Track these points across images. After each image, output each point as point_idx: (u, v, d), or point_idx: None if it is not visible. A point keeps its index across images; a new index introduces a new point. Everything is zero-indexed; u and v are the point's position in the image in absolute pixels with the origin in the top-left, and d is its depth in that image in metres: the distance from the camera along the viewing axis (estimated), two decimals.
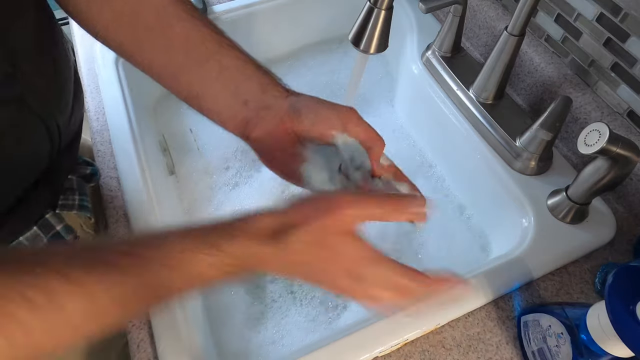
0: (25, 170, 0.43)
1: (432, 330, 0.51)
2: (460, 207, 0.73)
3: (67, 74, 0.46)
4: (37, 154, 0.43)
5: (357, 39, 0.49)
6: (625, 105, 0.60)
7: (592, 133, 0.48)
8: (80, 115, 0.53)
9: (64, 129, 0.45)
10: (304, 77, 0.88)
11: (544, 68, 0.66)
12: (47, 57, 0.42)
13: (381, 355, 0.49)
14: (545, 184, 0.61)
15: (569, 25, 0.64)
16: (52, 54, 0.43)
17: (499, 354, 0.50)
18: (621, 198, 0.60)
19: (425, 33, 0.78)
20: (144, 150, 0.63)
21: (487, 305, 0.53)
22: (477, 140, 0.66)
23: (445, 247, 0.69)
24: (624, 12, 0.56)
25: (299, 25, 0.89)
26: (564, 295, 0.54)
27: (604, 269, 0.54)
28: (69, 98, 0.47)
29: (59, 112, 0.44)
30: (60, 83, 0.44)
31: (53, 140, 0.44)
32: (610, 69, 0.60)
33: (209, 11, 0.79)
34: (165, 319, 0.49)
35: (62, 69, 0.45)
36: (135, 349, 0.49)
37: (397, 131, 0.82)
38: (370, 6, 0.48)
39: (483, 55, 0.76)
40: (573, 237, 0.56)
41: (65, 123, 0.46)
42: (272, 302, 0.65)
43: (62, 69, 0.45)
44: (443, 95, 0.71)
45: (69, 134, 0.48)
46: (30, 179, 0.44)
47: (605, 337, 0.39)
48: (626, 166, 0.50)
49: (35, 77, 0.39)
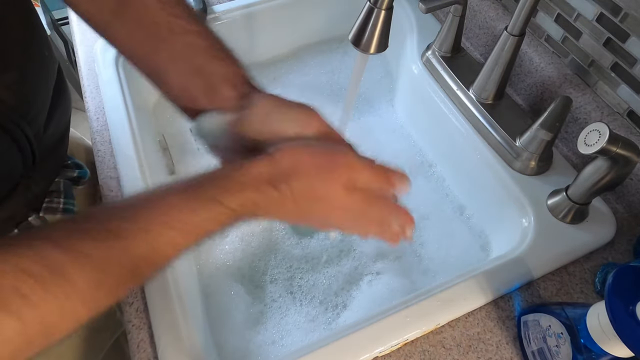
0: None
1: (432, 330, 0.51)
2: (460, 207, 0.73)
3: (40, 83, 0.44)
4: (5, 164, 0.41)
5: (357, 39, 0.49)
6: (625, 105, 0.60)
7: (592, 133, 0.48)
8: (65, 119, 0.51)
9: (37, 139, 0.44)
10: (304, 77, 0.88)
11: (544, 68, 0.66)
12: (9, 64, 0.39)
13: (381, 355, 0.49)
14: (545, 184, 0.61)
15: (569, 25, 0.64)
16: (16, 61, 0.40)
17: (499, 354, 0.50)
18: (621, 198, 0.60)
19: (425, 33, 0.78)
20: (144, 150, 0.63)
21: (487, 305, 0.53)
22: (477, 140, 0.66)
23: (445, 247, 0.69)
24: (624, 12, 0.56)
25: (299, 25, 0.89)
26: (564, 295, 0.54)
27: (604, 269, 0.54)
28: (42, 108, 0.45)
29: (26, 122, 0.42)
30: (29, 93, 0.42)
31: (23, 151, 0.42)
32: (610, 69, 0.60)
33: (209, 11, 0.79)
34: (165, 319, 0.49)
35: (31, 77, 0.42)
36: (135, 349, 0.49)
37: (397, 131, 0.82)
38: (370, 6, 0.47)
39: (483, 55, 0.76)
40: (573, 237, 0.56)
41: (39, 133, 0.44)
42: (271, 302, 0.65)
43: (32, 78, 0.42)
44: (443, 95, 0.71)
45: (47, 141, 0.47)
46: (2, 187, 0.42)
47: (605, 337, 0.39)
48: (626, 166, 0.50)
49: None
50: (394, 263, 0.68)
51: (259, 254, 0.69)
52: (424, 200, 0.74)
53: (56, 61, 0.49)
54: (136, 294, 0.52)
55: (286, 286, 0.67)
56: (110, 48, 0.57)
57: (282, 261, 0.69)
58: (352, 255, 0.69)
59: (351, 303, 0.64)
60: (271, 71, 0.88)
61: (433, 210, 0.73)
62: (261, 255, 0.69)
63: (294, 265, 0.68)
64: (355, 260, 0.69)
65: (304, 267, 0.68)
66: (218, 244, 0.69)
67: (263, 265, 0.68)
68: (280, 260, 0.69)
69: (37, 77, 0.44)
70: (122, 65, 0.71)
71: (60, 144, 0.51)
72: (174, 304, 0.50)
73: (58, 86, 0.49)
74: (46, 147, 0.47)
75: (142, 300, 0.51)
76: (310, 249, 0.70)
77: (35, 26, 0.43)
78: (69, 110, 0.54)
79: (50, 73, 0.47)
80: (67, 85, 0.53)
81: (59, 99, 0.48)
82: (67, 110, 0.52)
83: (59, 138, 0.51)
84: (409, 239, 0.39)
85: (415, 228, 0.39)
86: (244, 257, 0.68)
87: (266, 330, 0.62)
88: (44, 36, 0.45)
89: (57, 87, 0.48)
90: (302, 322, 0.63)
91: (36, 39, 0.43)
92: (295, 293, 0.66)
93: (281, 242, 0.70)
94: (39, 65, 0.44)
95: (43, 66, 0.45)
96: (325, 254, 0.69)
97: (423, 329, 0.50)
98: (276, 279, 0.67)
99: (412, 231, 0.38)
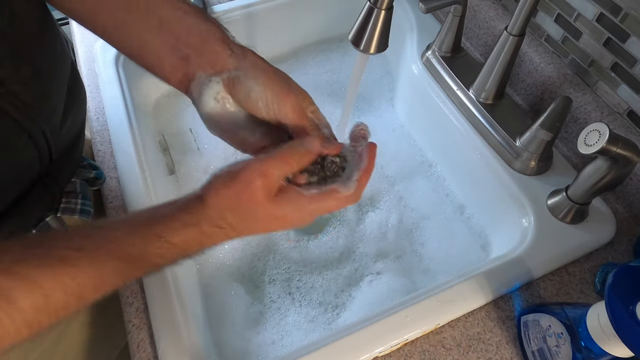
0: (11, 176, 0.41)
1: (432, 330, 0.51)
2: (460, 207, 0.73)
3: (55, 79, 0.44)
4: (23, 161, 0.42)
5: (357, 39, 0.49)
6: (625, 105, 0.60)
7: (592, 133, 0.48)
8: (80, 118, 0.52)
9: (53, 136, 0.44)
10: (304, 77, 0.88)
11: (544, 68, 0.66)
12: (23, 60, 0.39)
13: (381, 355, 0.49)
14: (545, 184, 0.61)
15: (569, 25, 0.64)
16: (30, 56, 0.40)
17: (499, 354, 0.50)
18: (621, 198, 0.60)
19: (425, 33, 0.78)
20: (144, 150, 0.63)
21: (487, 305, 0.53)
22: (477, 140, 0.66)
23: (445, 247, 0.69)
24: (624, 12, 0.56)
25: (299, 25, 0.89)
26: (564, 295, 0.54)
27: (604, 269, 0.54)
28: (58, 104, 0.45)
29: (44, 120, 0.42)
30: (45, 89, 0.42)
31: (40, 148, 0.42)
32: (610, 69, 0.60)
33: (209, 11, 0.79)
34: (165, 319, 0.49)
35: (45, 73, 0.43)
36: (135, 349, 0.49)
37: (397, 131, 0.82)
38: (370, 6, 0.47)
39: (483, 55, 0.76)
40: (573, 237, 0.56)
41: (55, 130, 0.44)
42: (271, 303, 0.65)
43: (47, 73, 0.43)
44: (443, 95, 0.71)
45: (63, 139, 0.47)
46: (21, 184, 0.43)
47: (605, 337, 0.39)
48: (626, 166, 0.50)
49: (13, 84, 0.38)
50: (394, 263, 0.68)
51: (258, 254, 0.69)
52: (424, 200, 0.74)
53: (69, 57, 0.48)
54: (136, 294, 0.52)
55: (284, 287, 0.67)
56: (111, 48, 0.57)
57: (280, 262, 0.69)
58: (352, 257, 0.69)
59: (351, 303, 0.64)
60: None
61: (433, 210, 0.73)
62: (260, 255, 0.69)
63: (298, 264, 0.68)
64: (356, 262, 0.69)
65: (305, 267, 0.68)
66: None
67: (262, 266, 0.68)
68: (279, 261, 0.69)
69: (51, 73, 0.44)
70: (122, 65, 0.71)
71: (76, 142, 0.51)
72: (174, 304, 0.50)
73: (73, 83, 0.49)
74: (63, 145, 0.47)
75: (142, 300, 0.51)
76: (310, 249, 0.70)
77: (48, 21, 0.43)
78: (84, 109, 0.54)
79: (64, 68, 0.47)
80: (81, 82, 0.53)
81: (73, 96, 0.48)
82: (82, 108, 0.52)
83: (75, 136, 0.51)
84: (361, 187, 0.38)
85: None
86: (244, 256, 0.68)
87: (266, 330, 0.62)
88: (56, 31, 0.45)
89: (72, 84, 0.48)
90: (301, 322, 0.63)
91: (49, 33, 0.43)
92: (294, 294, 0.66)
93: (279, 243, 0.70)
94: (54, 61, 0.44)
95: (57, 61, 0.45)
96: (325, 256, 0.69)
97: (423, 329, 0.50)
98: (275, 280, 0.67)
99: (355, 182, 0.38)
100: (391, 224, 0.72)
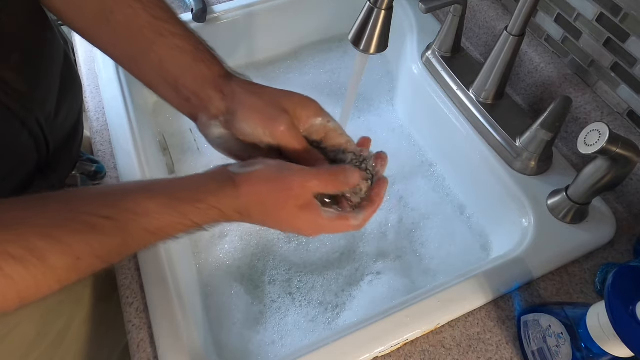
0: (7, 165, 0.42)
1: (432, 330, 0.51)
2: (460, 206, 0.73)
3: (46, 65, 0.45)
4: (18, 150, 0.42)
5: (357, 39, 0.49)
6: (625, 105, 0.60)
7: (592, 133, 0.48)
8: (77, 107, 0.52)
9: (48, 124, 0.44)
10: (304, 77, 0.88)
11: (544, 68, 0.66)
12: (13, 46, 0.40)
13: (381, 355, 0.49)
14: (545, 184, 0.61)
15: (569, 25, 0.64)
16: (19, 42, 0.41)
17: (499, 354, 0.50)
18: (621, 198, 0.60)
19: (425, 33, 0.78)
20: (144, 150, 0.63)
21: (487, 305, 0.53)
22: (477, 140, 0.66)
23: (445, 247, 0.69)
24: (624, 12, 0.56)
25: (299, 25, 0.89)
26: (564, 295, 0.54)
27: (604, 269, 0.54)
28: (51, 91, 0.45)
29: (37, 106, 0.43)
30: (36, 75, 0.43)
31: (35, 136, 0.43)
32: (610, 69, 0.60)
33: (209, 11, 0.79)
34: (165, 319, 0.49)
35: (35, 59, 0.43)
36: (135, 349, 0.49)
37: (397, 131, 0.82)
38: (370, 6, 0.47)
39: (483, 55, 0.76)
40: (573, 237, 0.56)
41: (50, 118, 0.45)
42: (271, 303, 0.65)
43: (36, 59, 0.43)
44: (443, 95, 0.71)
45: (59, 129, 0.47)
46: (19, 175, 0.43)
47: (605, 337, 0.39)
48: (626, 166, 0.50)
49: (3, 70, 0.38)
50: (394, 263, 0.68)
51: (259, 254, 0.69)
52: (424, 199, 0.74)
53: (62, 45, 0.49)
54: (136, 294, 0.52)
55: (285, 287, 0.67)
56: None
57: (281, 262, 0.69)
58: (352, 257, 0.69)
59: (351, 303, 0.64)
60: (271, 71, 0.88)
61: (433, 210, 0.73)
62: (260, 255, 0.69)
63: (298, 265, 0.68)
64: (356, 261, 0.69)
65: (305, 267, 0.68)
66: (218, 243, 0.69)
67: (262, 266, 0.68)
68: (279, 262, 0.69)
69: (41, 59, 0.44)
70: None
71: (74, 133, 0.51)
72: (174, 304, 0.50)
73: (67, 71, 0.49)
74: (60, 135, 0.47)
75: (142, 300, 0.51)
76: (310, 250, 0.70)
77: (35, 9, 0.43)
78: (81, 98, 0.54)
79: (56, 56, 0.47)
80: (76, 72, 0.53)
81: (67, 84, 0.49)
82: (78, 97, 0.53)
83: (72, 126, 0.51)
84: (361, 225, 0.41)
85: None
86: (244, 256, 0.68)
87: (266, 330, 0.62)
88: (45, 18, 0.45)
89: (66, 73, 0.49)
90: (301, 322, 0.63)
91: (37, 20, 0.44)
92: (294, 294, 0.66)
93: (279, 244, 0.70)
94: (44, 47, 0.45)
95: (47, 48, 0.45)
96: (326, 256, 0.69)
97: (423, 329, 0.50)
98: (274, 281, 0.67)
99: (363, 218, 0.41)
100: (391, 224, 0.72)
